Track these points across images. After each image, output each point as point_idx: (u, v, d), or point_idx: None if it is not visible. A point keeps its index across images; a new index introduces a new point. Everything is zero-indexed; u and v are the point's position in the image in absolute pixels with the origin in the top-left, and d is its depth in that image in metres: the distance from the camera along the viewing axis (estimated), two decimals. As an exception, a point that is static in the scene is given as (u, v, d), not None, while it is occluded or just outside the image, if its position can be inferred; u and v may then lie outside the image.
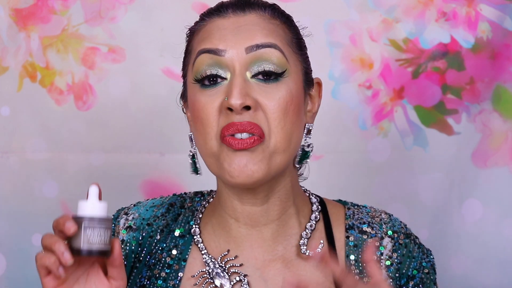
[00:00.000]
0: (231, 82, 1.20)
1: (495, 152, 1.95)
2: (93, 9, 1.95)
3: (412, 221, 1.95)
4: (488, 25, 1.93)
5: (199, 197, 1.36)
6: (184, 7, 1.94)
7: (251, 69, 1.20)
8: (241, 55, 1.20)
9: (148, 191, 1.97)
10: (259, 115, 1.20)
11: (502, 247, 1.94)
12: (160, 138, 1.97)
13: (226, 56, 1.20)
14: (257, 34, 1.21)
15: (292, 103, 1.21)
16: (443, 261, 1.95)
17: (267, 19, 1.24)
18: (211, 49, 1.21)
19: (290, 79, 1.22)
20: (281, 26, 1.25)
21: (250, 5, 1.25)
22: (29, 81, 1.96)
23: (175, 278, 1.27)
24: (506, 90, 1.94)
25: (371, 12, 1.94)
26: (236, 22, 1.22)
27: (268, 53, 1.20)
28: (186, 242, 1.30)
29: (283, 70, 1.21)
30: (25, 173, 1.97)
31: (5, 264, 1.97)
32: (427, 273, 1.32)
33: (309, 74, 1.29)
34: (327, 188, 1.94)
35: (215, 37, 1.22)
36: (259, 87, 1.20)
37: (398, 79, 1.95)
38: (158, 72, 1.96)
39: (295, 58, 1.24)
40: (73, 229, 1.09)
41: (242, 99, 1.18)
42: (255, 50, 1.20)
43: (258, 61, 1.20)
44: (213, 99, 1.20)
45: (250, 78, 1.20)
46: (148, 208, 1.35)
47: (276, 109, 1.19)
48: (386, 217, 1.35)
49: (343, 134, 1.96)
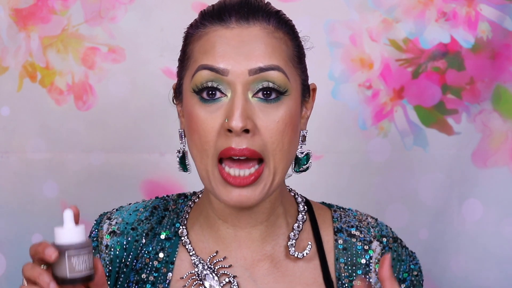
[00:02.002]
0: (232, 102, 1.18)
1: (495, 152, 1.95)
2: (93, 9, 1.95)
3: (412, 221, 1.96)
4: (488, 25, 1.93)
5: (182, 199, 1.35)
6: (184, 7, 1.94)
7: (253, 88, 1.19)
8: (244, 76, 1.18)
9: (148, 191, 1.97)
10: (257, 139, 1.19)
11: (502, 247, 1.94)
12: (160, 138, 1.97)
13: (228, 76, 1.19)
14: (260, 55, 1.19)
15: (291, 123, 1.20)
16: (443, 261, 1.95)
17: (271, 33, 1.21)
18: (213, 67, 1.19)
19: (290, 98, 1.21)
20: (284, 40, 1.23)
21: (254, 14, 1.22)
22: (29, 81, 1.96)
23: (164, 281, 1.27)
24: (506, 90, 1.94)
25: (371, 12, 1.94)
26: (239, 36, 1.20)
27: (271, 75, 1.19)
28: (173, 244, 1.29)
29: (284, 90, 1.20)
30: (25, 173, 1.97)
31: (5, 264, 1.97)
32: (416, 275, 1.33)
33: (306, 83, 1.28)
34: (327, 188, 1.95)
35: (218, 53, 1.19)
36: (260, 108, 1.19)
37: (398, 79, 1.95)
38: (158, 72, 1.96)
39: (295, 73, 1.23)
40: (54, 256, 1.06)
41: (243, 122, 1.16)
42: (258, 73, 1.19)
43: (260, 82, 1.19)
44: (213, 117, 1.19)
45: (251, 98, 1.19)
46: (131, 212, 1.33)
47: (274, 133, 1.19)
48: (373, 221, 1.35)
49: (343, 134, 1.96)
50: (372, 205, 1.91)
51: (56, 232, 1.10)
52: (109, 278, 1.29)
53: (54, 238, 1.10)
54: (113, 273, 1.29)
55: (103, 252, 1.30)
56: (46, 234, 1.97)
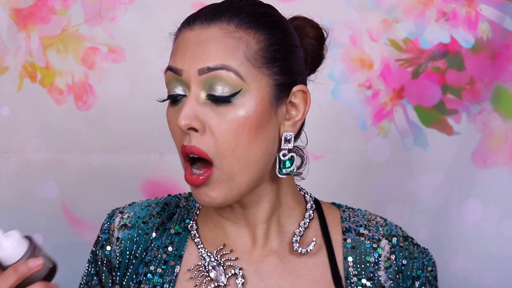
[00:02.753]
0: (184, 102, 1.21)
1: (495, 152, 1.95)
2: (93, 9, 1.96)
3: (412, 221, 1.96)
4: (488, 25, 1.93)
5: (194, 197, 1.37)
6: (184, 7, 1.94)
7: (206, 88, 1.20)
8: (195, 76, 1.20)
9: (148, 191, 1.97)
10: (207, 139, 1.19)
11: (502, 247, 1.94)
12: (160, 138, 1.97)
13: (183, 76, 1.21)
14: (210, 55, 1.20)
15: (247, 123, 1.19)
16: (443, 261, 1.95)
17: (229, 33, 1.21)
18: (172, 67, 1.22)
19: (248, 98, 1.20)
20: (244, 40, 1.21)
21: (219, 16, 1.22)
22: (29, 81, 1.97)
23: (172, 274, 1.29)
24: (506, 90, 1.94)
25: (371, 12, 1.94)
26: (198, 37, 1.21)
27: (220, 74, 1.19)
28: (182, 239, 1.32)
29: (236, 91, 1.19)
30: (25, 173, 1.97)
31: (5, 264, 1.97)
32: (430, 270, 1.34)
33: (285, 85, 1.24)
34: (327, 188, 1.95)
35: (177, 54, 1.22)
36: (212, 109, 1.19)
37: (398, 79, 1.95)
38: (158, 72, 1.95)
39: (256, 73, 1.21)
40: (39, 262, 1.19)
41: (187, 121, 1.18)
42: (207, 73, 1.19)
43: (211, 81, 1.20)
44: (175, 117, 1.22)
45: (204, 97, 1.20)
46: (143, 207, 1.36)
47: (225, 133, 1.19)
48: (382, 220, 1.36)
49: (343, 134, 1.96)
50: (372, 205, 1.91)
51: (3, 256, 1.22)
52: (119, 269, 1.32)
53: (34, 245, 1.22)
54: (123, 264, 1.32)
55: (114, 244, 1.33)
56: (46, 234, 1.97)
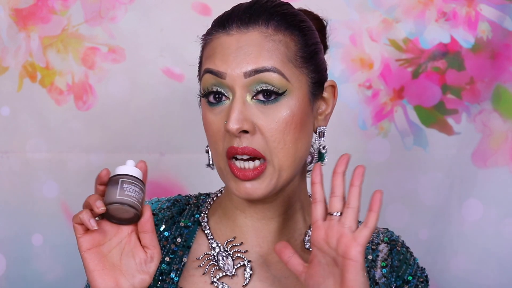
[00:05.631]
0: (230, 105, 1.24)
1: (495, 152, 1.95)
2: (93, 9, 1.95)
3: (412, 221, 1.96)
4: (488, 25, 1.93)
5: (204, 196, 1.41)
6: (184, 7, 1.94)
7: (251, 90, 1.24)
8: (240, 79, 1.23)
9: (148, 191, 1.95)
10: (257, 139, 1.24)
11: (502, 247, 1.94)
12: (160, 138, 1.97)
13: (227, 79, 1.24)
14: (255, 57, 1.24)
15: (293, 121, 1.25)
16: (443, 261, 1.95)
17: (269, 36, 1.25)
18: (213, 71, 1.25)
19: (292, 97, 1.25)
20: (284, 42, 1.26)
21: (254, 20, 1.26)
22: (29, 81, 1.96)
23: (179, 262, 1.32)
24: (506, 90, 1.94)
25: (371, 12, 1.94)
26: (238, 41, 1.25)
27: (267, 76, 1.24)
28: (191, 231, 1.35)
29: (283, 91, 1.24)
30: (25, 173, 1.97)
31: (5, 264, 1.97)
32: (421, 281, 1.37)
33: (319, 82, 1.31)
34: (327, 188, 1.94)
35: (218, 57, 1.25)
36: (259, 109, 1.24)
37: (398, 79, 1.95)
38: (158, 72, 1.96)
39: (298, 73, 1.27)
40: (102, 209, 1.16)
41: (238, 124, 1.22)
42: (253, 75, 1.23)
43: (258, 83, 1.24)
44: (218, 119, 1.25)
45: (250, 100, 1.24)
46: (153, 202, 1.40)
47: (274, 131, 1.24)
48: (384, 229, 1.40)
49: (343, 134, 1.96)
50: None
51: (116, 168, 1.21)
52: None
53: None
54: None
55: None
56: (46, 234, 1.97)
